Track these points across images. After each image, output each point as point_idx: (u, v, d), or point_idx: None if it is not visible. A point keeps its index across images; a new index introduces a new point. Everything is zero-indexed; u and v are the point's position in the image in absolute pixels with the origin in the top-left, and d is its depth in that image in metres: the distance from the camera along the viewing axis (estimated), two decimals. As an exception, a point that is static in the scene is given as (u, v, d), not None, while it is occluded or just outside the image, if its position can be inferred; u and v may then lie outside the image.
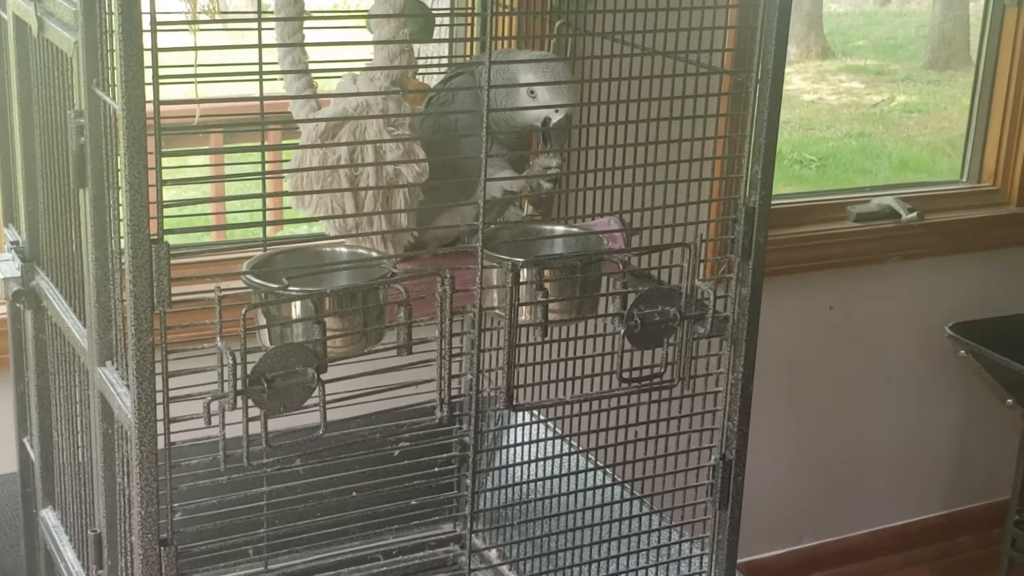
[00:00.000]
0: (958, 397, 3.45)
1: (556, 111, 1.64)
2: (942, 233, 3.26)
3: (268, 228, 1.53)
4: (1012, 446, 3.22)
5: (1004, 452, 3.39)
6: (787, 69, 1.52)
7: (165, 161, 1.29)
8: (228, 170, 1.63)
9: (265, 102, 1.44)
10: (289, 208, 1.70)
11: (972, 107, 3.43)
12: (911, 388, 3.38)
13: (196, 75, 1.29)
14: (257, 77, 1.45)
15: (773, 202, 1.59)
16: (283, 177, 1.57)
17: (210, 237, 2.25)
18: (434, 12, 1.97)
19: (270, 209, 1.42)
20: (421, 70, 1.99)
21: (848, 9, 10.73)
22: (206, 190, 2.89)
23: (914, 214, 3.19)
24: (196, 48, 1.31)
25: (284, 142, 1.75)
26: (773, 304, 1.70)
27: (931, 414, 3.44)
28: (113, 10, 1.26)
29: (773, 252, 1.62)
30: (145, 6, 1.24)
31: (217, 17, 1.71)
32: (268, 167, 1.54)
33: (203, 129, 1.44)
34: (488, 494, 1.91)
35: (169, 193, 1.30)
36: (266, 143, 1.49)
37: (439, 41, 2.06)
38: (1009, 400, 3.14)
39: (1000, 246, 3.37)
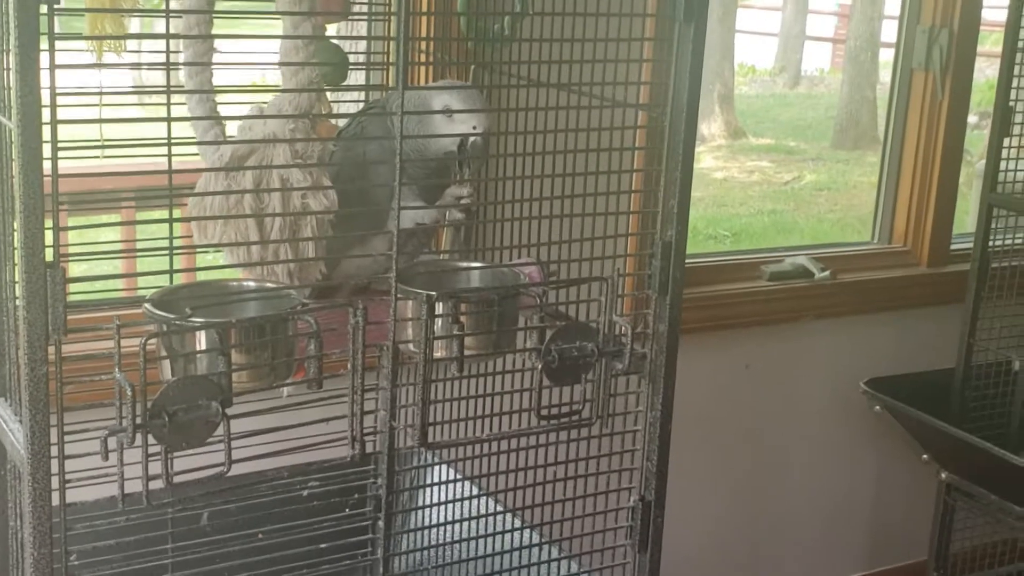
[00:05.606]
0: (875, 455, 3.46)
1: (473, 132, 1.60)
2: (855, 292, 3.28)
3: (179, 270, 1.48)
4: (929, 504, 3.22)
5: (922, 510, 3.39)
6: (698, 148, 1.51)
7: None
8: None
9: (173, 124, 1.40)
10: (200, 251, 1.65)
11: (882, 169, 3.48)
12: (829, 446, 3.38)
13: (100, 94, 1.25)
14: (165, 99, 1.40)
15: (688, 261, 1.57)
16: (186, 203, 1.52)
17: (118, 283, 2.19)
18: (351, 66, 1.94)
19: (177, 238, 1.37)
20: (333, 113, 1.95)
21: (759, 92, 10.97)
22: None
23: (827, 273, 3.21)
24: (99, 66, 1.27)
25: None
26: (690, 362, 1.68)
27: (849, 471, 3.44)
28: (10, 28, 1.22)
29: (688, 310, 1.60)
30: (44, 25, 1.20)
31: (122, 55, 1.66)
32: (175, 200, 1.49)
33: (103, 149, 1.40)
34: (402, 539, 1.85)
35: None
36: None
37: (352, 89, 2.02)
38: (924, 456, 3.15)
39: (912, 306, 3.40)
